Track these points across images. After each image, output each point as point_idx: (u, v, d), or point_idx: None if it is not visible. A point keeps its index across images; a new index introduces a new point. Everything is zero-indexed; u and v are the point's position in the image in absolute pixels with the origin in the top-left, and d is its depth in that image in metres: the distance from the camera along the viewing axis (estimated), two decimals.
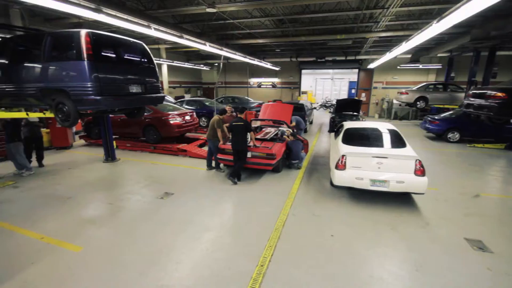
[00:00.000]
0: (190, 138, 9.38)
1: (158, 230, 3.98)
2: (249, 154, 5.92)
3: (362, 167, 4.68)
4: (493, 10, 6.76)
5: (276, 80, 21.11)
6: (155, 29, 7.18)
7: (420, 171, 4.45)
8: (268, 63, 17.20)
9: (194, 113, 9.57)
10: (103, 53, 4.69)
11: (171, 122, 8.24)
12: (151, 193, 5.33)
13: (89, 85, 4.33)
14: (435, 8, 7.70)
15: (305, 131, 12.16)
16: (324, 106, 23.48)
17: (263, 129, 7.79)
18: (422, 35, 6.65)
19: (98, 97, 4.39)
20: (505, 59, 14.18)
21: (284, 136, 6.79)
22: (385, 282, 2.95)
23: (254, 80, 21.67)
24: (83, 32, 4.37)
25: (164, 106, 8.92)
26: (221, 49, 10.53)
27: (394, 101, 16.15)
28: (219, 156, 6.29)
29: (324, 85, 28.16)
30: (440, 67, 16.41)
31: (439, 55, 14.04)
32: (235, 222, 4.30)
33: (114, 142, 7.71)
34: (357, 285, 2.91)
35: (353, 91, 21.20)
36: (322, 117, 18.13)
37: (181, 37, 8.34)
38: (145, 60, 5.51)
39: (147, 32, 7.20)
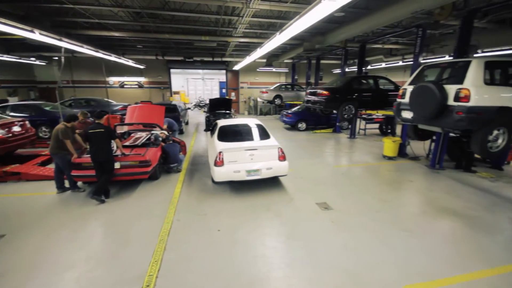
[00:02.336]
0: (24, 156, 7.01)
1: None
2: (117, 165, 5.09)
3: (238, 160, 5.09)
4: (316, 28, 9.00)
5: (142, 79, 19.19)
6: None
7: (282, 157, 5.34)
8: (130, 60, 15.35)
9: (28, 122, 7.18)
10: None
11: None
12: None
13: None
14: (278, 22, 9.33)
15: (182, 132, 11.86)
16: (198, 105, 23.70)
17: (132, 135, 6.91)
18: (270, 43, 7.92)
19: None
20: (327, 66, 19.34)
21: (158, 140, 6.30)
22: (267, 257, 3.36)
23: (114, 79, 18.73)
24: None
25: None
26: (60, 40, 8.38)
27: (258, 99, 18.52)
28: (75, 172, 5.05)
29: (196, 85, 28.33)
30: (287, 70, 20.33)
31: (285, 61, 17.24)
32: (108, 248, 3.61)
33: None
34: (245, 269, 3.15)
35: (223, 90, 22.52)
36: (198, 117, 18.26)
37: None
38: None
39: None
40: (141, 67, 17.32)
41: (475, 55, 9.09)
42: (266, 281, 2.96)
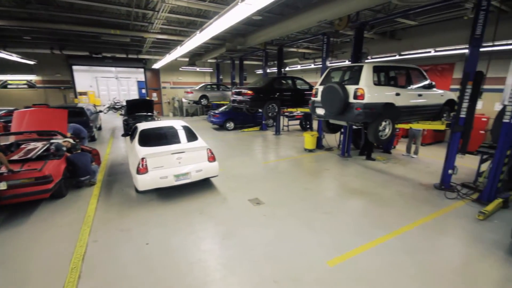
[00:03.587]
0: None
1: None
2: (2, 186, 4.02)
3: (164, 165, 4.76)
4: (236, 30, 9.19)
5: (33, 77, 15.67)
6: None
7: (212, 157, 5.26)
8: (14, 54, 12.31)
9: None
10: None
11: None
12: None
13: None
14: (198, 20, 9.11)
15: (93, 139, 10.30)
16: (114, 108, 20.98)
17: (23, 146, 5.58)
18: (191, 42, 7.69)
19: None
20: (250, 66, 20.03)
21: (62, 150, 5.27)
22: (203, 262, 3.26)
23: None
24: None
25: None
26: None
27: (183, 100, 17.73)
28: None
29: (108, 85, 24.99)
30: (212, 70, 20.12)
31: (209, 60, 17.05)
32: None
33: None
34: (180, 279, 2.98)
35: (143, 91, 20.59)
36: (114, 121, 16.20)
37: None
38: None
39: None
40: (31, 62, 14.14)
41: (366, 61, 11.05)
42: (203, 287, 2.87)
